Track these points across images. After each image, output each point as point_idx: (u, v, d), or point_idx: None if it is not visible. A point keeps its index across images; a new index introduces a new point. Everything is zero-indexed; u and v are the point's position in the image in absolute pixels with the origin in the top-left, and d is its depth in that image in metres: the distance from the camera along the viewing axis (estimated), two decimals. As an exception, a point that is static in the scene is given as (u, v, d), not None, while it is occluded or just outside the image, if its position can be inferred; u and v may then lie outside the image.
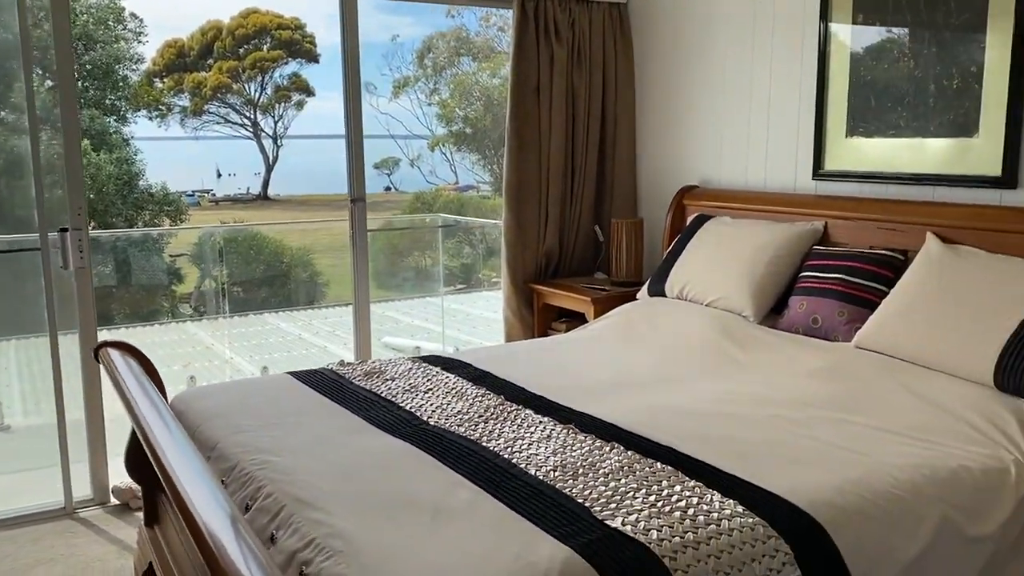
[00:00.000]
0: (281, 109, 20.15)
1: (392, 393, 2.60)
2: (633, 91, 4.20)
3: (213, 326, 8.33)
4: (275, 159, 20.72)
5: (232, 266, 9.95)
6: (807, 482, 1.91)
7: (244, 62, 19.35)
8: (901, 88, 2.95)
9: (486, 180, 19.23)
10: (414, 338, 7.60)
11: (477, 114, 17.82)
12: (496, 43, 18.50)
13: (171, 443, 1.87)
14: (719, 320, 3.07)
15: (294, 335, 8.00)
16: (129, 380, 2.36)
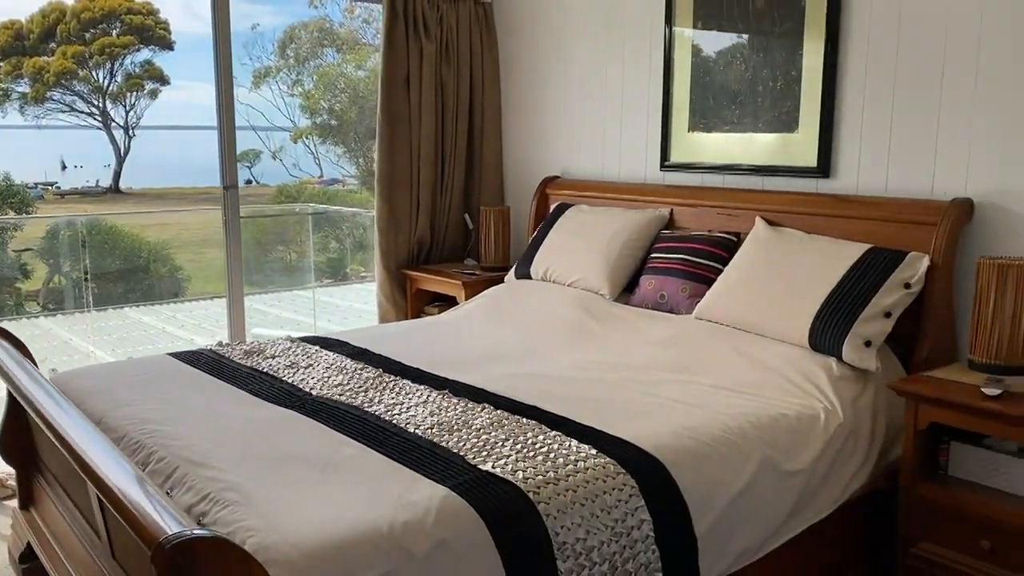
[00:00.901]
0: (133, 98, 19.22)
1: (274, 369, 2.72)
2: (499, 86, 4.44)
3: (70, 321, 7.99)
4: (127, 150, 19.76)
5: (88, 260, 9.55)
6: (651, 430, 2.20)
7: (91, 47, 18.35)
8: (735, 88, 3.32)
9: (352, 174, 19.07)
10: (284, 330, 7.59)
11: (343, 106, 17.66)
12: (361, 35, 18.37)
13: (66, 416, 1.95)
14: (579, 298, 3.36)
15: (158, 328, 7.80)
16: (9, 362, 2.39)
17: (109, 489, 1.60)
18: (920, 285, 2.60)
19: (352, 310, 8.48)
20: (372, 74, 17.86)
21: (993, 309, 2.27)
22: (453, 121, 4.31)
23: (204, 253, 14.65)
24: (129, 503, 1.52)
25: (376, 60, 14.81)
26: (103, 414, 2.29)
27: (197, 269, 13.90)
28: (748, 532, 2.17)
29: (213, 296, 9.94)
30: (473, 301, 3.66)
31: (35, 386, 2.21)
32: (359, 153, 18.71)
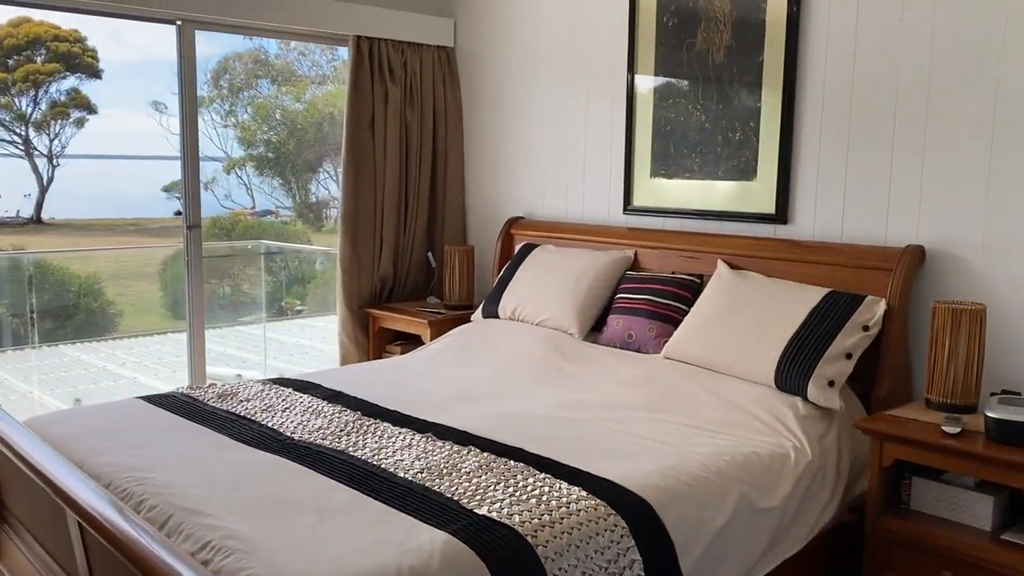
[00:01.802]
0: (58, 126, 18.75)
1: (251, 412, 2.71)
2: (462, 128, 4.52)
3: (2, 359, 7.69)
4: (50, 180, 19.20)
5: (13, 295, 9.22)
6: (634, 470, 2.27)
7: (15, 75, 17.85)
8: (695, 137, 3.47)
9: (287, 205, 18.82)
10: (232, 368, 7.46)
11: (280, 138, 17.53)
12: (296, 67, 18.32)
13: (48, 456, 1.92)
14: (548, 337, 3.43)
15: (98, 367, 7.58)
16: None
17: (113, 535, 1.58)
18: (878, 327, 2.75)
19: (298, 347, 8.39)
20: (311, 107, 17.84)
21: (948, 351, 2.42)
22: (417, 161, 4.37)
23: (133, 286, 14.26)
24: (137, 548, 1.52)
25: (314, 92, 14.54)
26: (84, 461, 2.24)
27: (127, 303, 13.51)
28: (729, 568, 2.25)
29: (154, 332, 9.70)
30: (441, 340, 3.69)
31: (11, 429, 2.16)
32: (296, 185, 18.60)
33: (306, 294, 11.79)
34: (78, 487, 1.77)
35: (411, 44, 4.28)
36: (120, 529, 1.58)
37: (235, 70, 17.54)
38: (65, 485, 1.77)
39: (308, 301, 11.70)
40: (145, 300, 14.29)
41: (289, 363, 7.44)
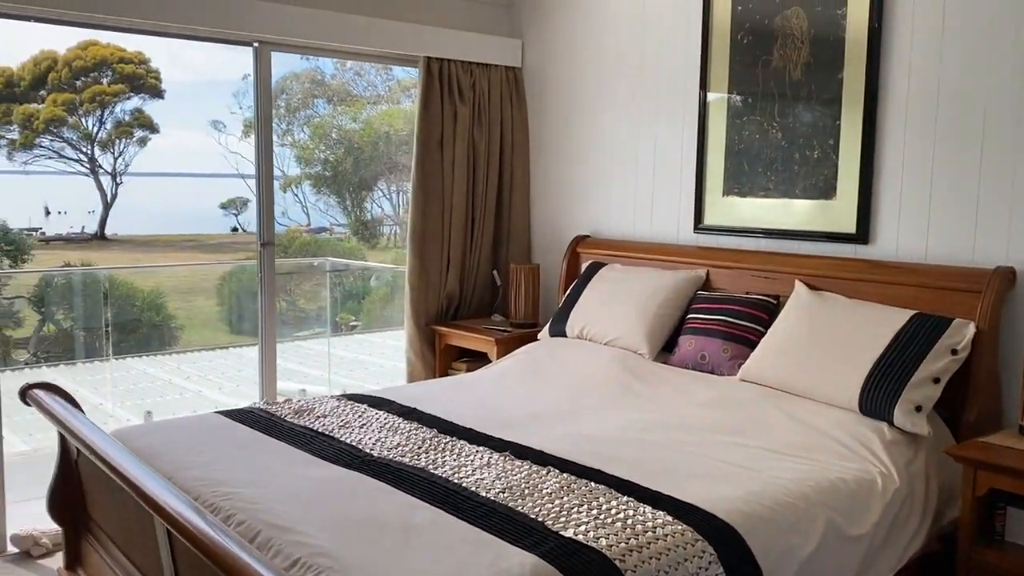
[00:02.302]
0: (122, 145, 19.33)
1: (328, 429, 2.73)
2: (528, 147, 4.53)
3: (72, 371, 7.92)
4: (114, 197, 19.78)
5: (84, 308, 9.51)
6: (717, 495, 2.22)
7: (82, 95, 18.48)
8: (769, 155, 3.42)
9: (342, 223, 19.13)
10: (294, 382, 7.56)
11: (337, 157, 17.84)
12: (352, 87, 18.64)
13: (140, 469, 1.96)
14: (618, 357, 3.39)
15: (164, 380, 7.75)
16: (69, 416, 2.39)
17: (210, 547, 1.60)
18: (967, 351, 2.66)
19: (357, 362, 8.46)
20: (367, 126, 18.10)
21: (1046, 376, 2.33)
22: (484, 180, 4.39)
23: (193, 301, 14.60)
24: (235, 562, 1.53)
25: (369, 112, 14.76)
26: (171, 474, 2.28)
27: (187, 318, 13.83)
28: (817, 598, 2.19)
29: (217, 347, 9.90)
30: (510, 358, 3.69)
31: (101, 441, 2.21)
32: (352, 203, 18.88)
33: (360, 310, 11.92)
34: (172, 500, 1.80)
35: (479, 64, 4.31)
36: (217, 542, 1.60)
37: (292, 90, 17.93)
38: (160, 498, 1.80)
39: (362, 317, 11.83)
40: (204, 314, 14.61)
41: (350, 378, 7.50)
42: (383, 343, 9.50)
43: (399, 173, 18.70)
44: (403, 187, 18.98)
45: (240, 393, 7.04)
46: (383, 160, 17.73)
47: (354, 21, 3.91)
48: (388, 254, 18.23)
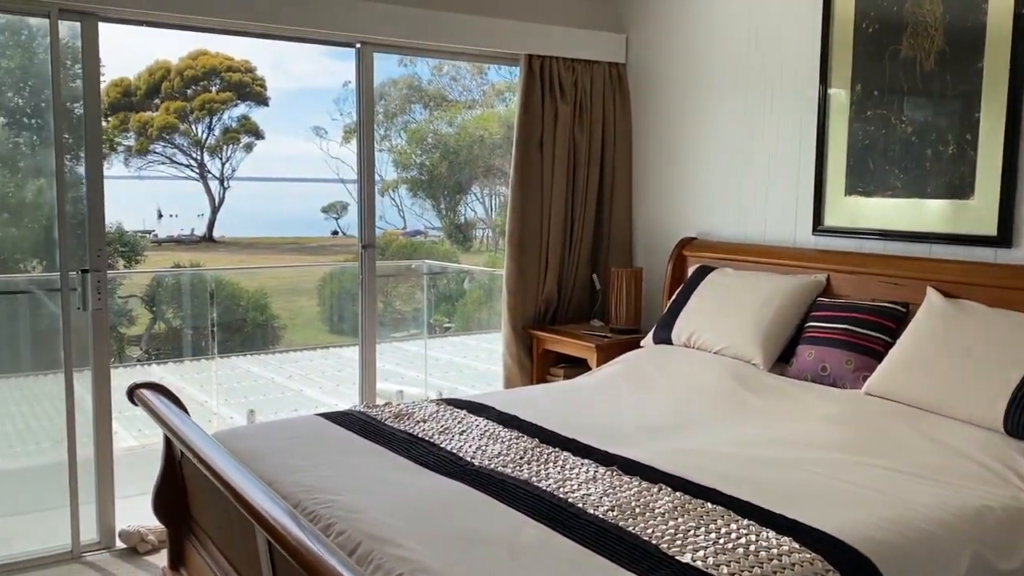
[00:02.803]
0: (229, 151, 20.05)
1: (428, 435, 2.66)
2: (631, 146, 4.38)
3: (180, 369, 8.19)
4: (221, 201, 20.54)
5: (191, 307, 9.84)
6: (848, 520, 2.03)
7: (192, 103, 19.25)
8: (898, 152, 3.17)
9: (436, 226, 19.36)
10: (388, 381, 7.60)
11: (432, 161, 18.05)
12: (448, 92, 18.85)
13: (241, 475, 1.91)
14: (730, 367, 3.21)
15: (267, 379, 7.91)
16: (174, 417, 2.38)
17: (310, 561, 1.53)
18: None
19: (452, 364, 8.45)
20: (462, 130, 18.24)
21: None
22: (584, 181, 4.26)
23: (295, 301, 15.00)
24: (332, 574, 1.45)
25: (464, 117, 14.84)
26: (273, 479, 2.25)
27: (289, 318, 14.21)
28: (962, 640, 1.97)
29: (317, 347, 10.11)
30: (611, 366, 3.54)
31: (204, 444, 2.18)
32: (446, 206, 19.06)
33: (454, 312, 11.97)
34: (272, 508, 1.74)
35: (582, 61, 4.19)
36: (316, 555, 1.53)
37: (390, 96, 18.26)
38: (260, 506, 1.74)
39: (456, 319, 11.87)
40: (305, 314, 15.00)
41: (445, 380, 7.49)
42: (477, 346, 9.48)
43: (493, 176, 18.81)
44: (496, 190, 19.10)
45: (339, 393, 7.12)
46: (477, 164, 17.85)
47: (454, 20, 3.85)
48: (481, 257, 18.34)
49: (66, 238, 3.18)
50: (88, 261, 3.25)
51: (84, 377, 3.40)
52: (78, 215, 9.97)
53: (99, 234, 3.26)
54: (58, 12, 3.09)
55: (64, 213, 3.16)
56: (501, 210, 18.32)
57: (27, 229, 4.34)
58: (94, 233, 3.25)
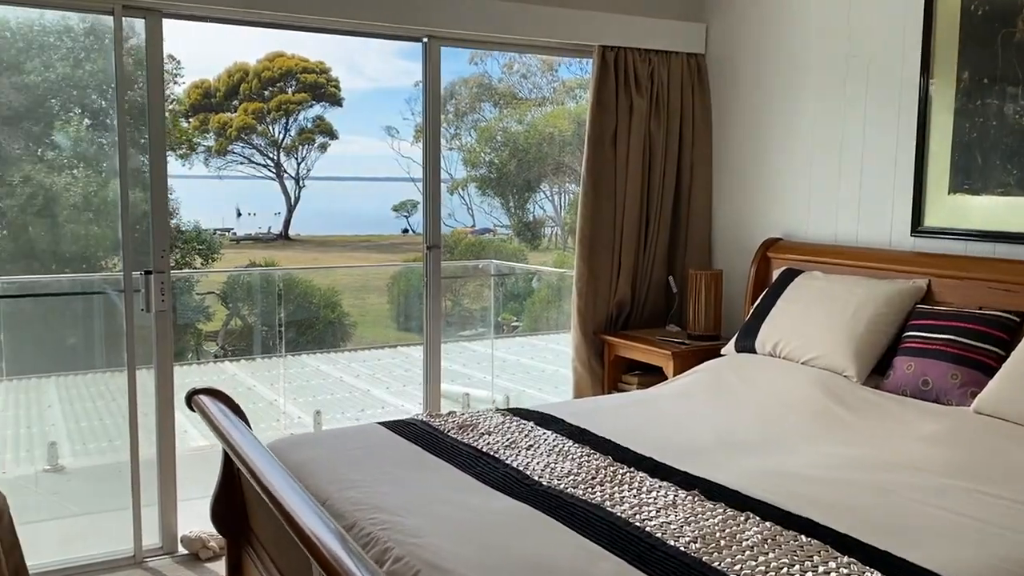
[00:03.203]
0: (304, 151, 20.38)
1: (493, 449, 2.50)
2: (710, 141, 4.15)
3: (251, 366, 8.26)
4: (297, 200, 20.91)
5: (264, 305, 9.95)
6: (963, 559, 1.80)
7: (269, 104, 19.61)
8: (1011, 146, 2.88)
9: (504, 224, 19.30)
10: (454, 382, 7.50)
11: (502, 159, 17.97)
12: (518, 90, 18.75)
13: (293, 493, 1.79)
14: (820, 379, 2.97)
15: (335, 378, 7.91)
16: (231, 428, 2.28)
17: None
18: None
19: (520, 365, 8.30)
20: (531, 128, 18.10)
21: None
22: (660, 179, 4.05)
23: (365, 298, 15.14)
24: None
25: (534, 114, 14.71)
26: (328, 494, 2.13)
27: (359, 315, 14.34)
28: None
29: (383, 346, 10.10)
30: (689, 375, 3.33)
31: (258, 457, 2.07)
32: (515, 204, 18.97)
33: (521, 310, 11.84)
34: (323, 534, 1.61)
35: (659, 52, 3.98)
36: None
37: (460, 95, 18.24)
38: (313, 533, 1.61)
39: (523, 317, 11.74)
40: (375, 312, 15.12)
41: (512, 381, 7.35)
42: (545, 347, 9.32)
43: (562, 174, 18.63)
44: (565, 188, 18.94)
45: (406, 394, 7.06)
46: (547, 161, 17.69)
47: (524, 11, 3.69)
48: (549, 255, 18.20)
49: (129, 238, 3.13)
50: (152, 262, 3.19)
51: (151, 376, 3.36)
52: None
53: (163, 235, 3.21)
54: (122, 8, 3.05)
55: (128, 213, 3.12)
56: (570, 208, 18.16)
57: (109, 228, 4.36)
58: (158, 234, 3.20)
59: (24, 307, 6.14)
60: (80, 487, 4.31)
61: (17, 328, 6.30)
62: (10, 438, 5.34)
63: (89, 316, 5.37)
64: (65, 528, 3.64)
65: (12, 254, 10.69)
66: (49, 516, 3.83)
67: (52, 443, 4.50)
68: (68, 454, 5.04)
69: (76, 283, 5.59)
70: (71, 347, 5.97)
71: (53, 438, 5.43)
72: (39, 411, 6.04)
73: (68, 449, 5.14)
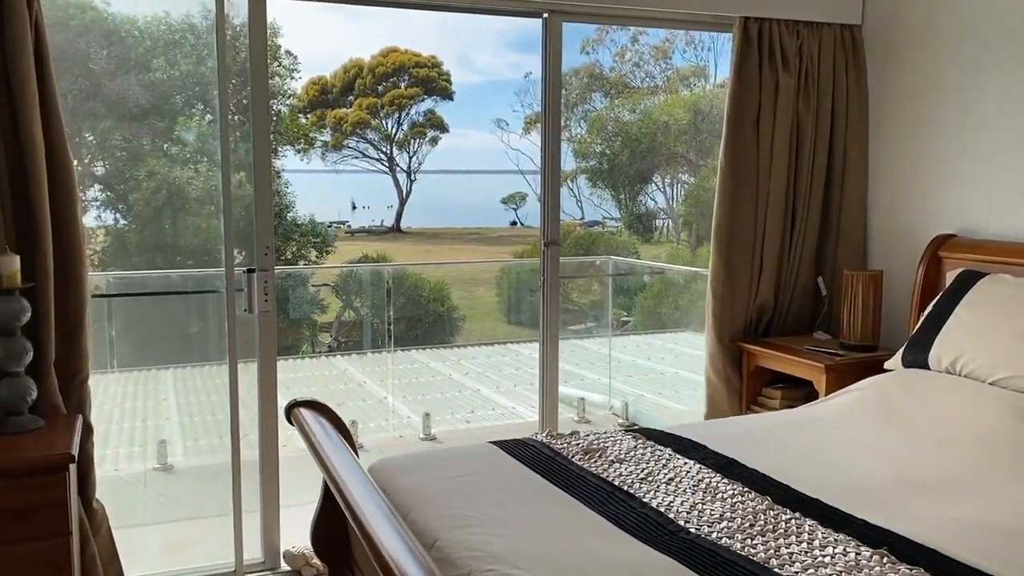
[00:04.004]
0: (416, 145, 20.55)
1: (625, 481, 2.15)
2: (867, 123, 3.65)
3: (362, 361, 8.17)
4: (408, 193, 21.11)
5: (374, 298, 9.90)
6: None
7: (383, 99, 19.87)
8: None
9: (614, 216, 18.88)
10: (567, 384, 7.16)
11: (613, 150, 17.54)
12: (630, 79, 18.25)
13: (392, 534, 1.49)
14: (1015, 404, 2.47)
15: (444, 375, 7.72)
16: (330, 448, 2.02)
17: None
18: None
19: (635, 366, 7.87)
20: (645, 117, 17.54)
21: None
22: (808, 166, 3.59)
23: (474, 291, 15.06)
24: None
25: (647, 103, 14.21)
26: (439, 535, 1.83)
27: (468, 308, 14.26)
28: None
29: (492, 342, 9.90)
30: (849, 394, 2.88)
31: (358, 488, 1.79)
32: (627, 196, 18.49)
33: (632, 305, 11.39)
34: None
35: (809, 23, 3.51)
36: None
37: (571, 86, 17.89)
38: None
39: (635, 313, 11.28)
40: (484, 304, 15.01)
41: (629, 385, 6.94)
42: (663, 346, 8.87)
43: (676, 164, 18.00)
44: (678, 179, 18.32)
45: (517, 395, 6.78)
46: (660, 151, 17.12)
47: (656, -21, 3.31)
48: (661, 248, 17.63)
49: (230, 234, 2.94)
50: (255, 259, 2.99)
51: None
52: (273, 208, 9.88)
53: (267, 230, 3.00)
54: (226, -11, 2.85)
55: (230, 208, 2.92)
56: (684, 199, 17.52)
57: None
58: (262, 229, 2.99)
59: (143, 299, 6.17)
60: (187, 488, 4.23)
61: (134, 320, 6.37)
62: (125, 432, 5.36)
63: (205, 308, 5.32)
64: (168, 534, 3.52)
65: (138, 246, 10.98)
66: (153, 520, 3.73)
67: (162, 441, 4.44)
68: (179, 451, 5.00)
69: (190, 278, 5.57)
70: (187, 339, 5.98)
71: (166, 433, 5.43)
72: (155, 404, 6.08)
73: (180, 446, 5.10)
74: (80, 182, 2.68)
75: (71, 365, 2.64)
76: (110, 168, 10.75)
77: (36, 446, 2.36)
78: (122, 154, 10.73)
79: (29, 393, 2.47)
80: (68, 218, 2.58)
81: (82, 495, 2.69)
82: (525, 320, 12.70)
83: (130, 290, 6.69)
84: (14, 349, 2.43)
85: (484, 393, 6.96)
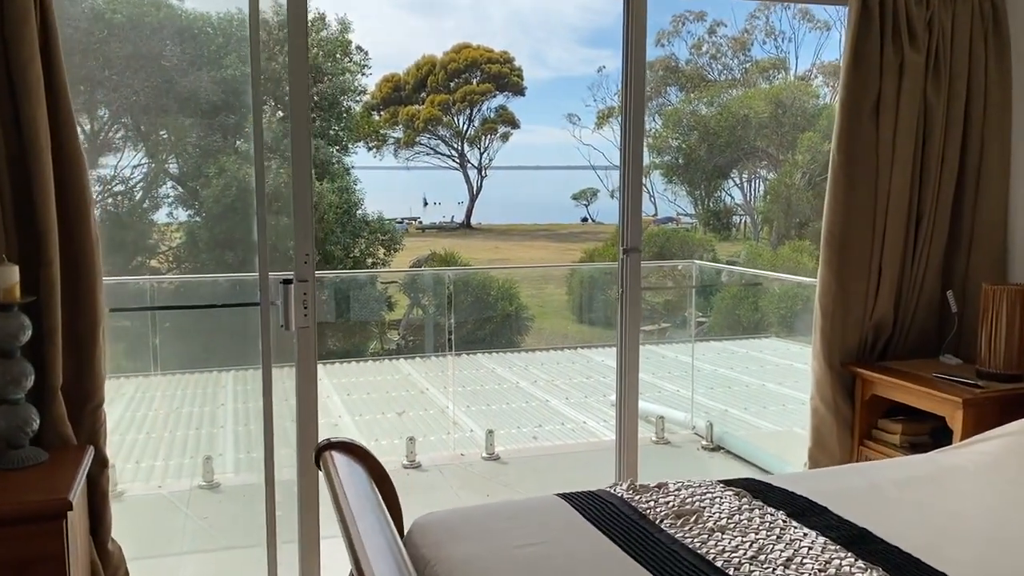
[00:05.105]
0: (487, 141, 20.35)
1: (732, 562, 1.69)
2: (1009, 111, 3.09)
3: (426, 366, 7.84)
4: (479, 189, 20.92)
5: (442, 298, 9.59)
6: None
7: (455, 95, 19.75)
8: None
9: (688, 212, 18.34)
10: (644, 396, 6.67)
11: (690, 144, 16.97)
12: (707, 72, 17.62)
13: None
14: None
15: (510, 383, 7.31)
16: (356, 516, 1.61)
17: None
18: None
19: (717, 377, 7.32)
20: (724, 110, 16.84)
21: None
22: (937, 160, 3.05)
23: (543, 288, 14.68)
24: None
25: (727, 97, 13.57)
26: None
27: (538, 306, 13.88)
28: None
29: (561, 348, 9.46)
30: (1001, 439, 2.35)
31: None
32: (704, 192, 17.85)
33: (708, 307, 10.81)
34: None
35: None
36: None
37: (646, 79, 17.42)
38: None
39: (711, 314, 10.71)
40: (554, 303, 14.61)
41: (711, 398, 6.40)
42: (746, 354, 8.29)
43: (755, 159, 17.26)
44: (757, 174, 17.59)
45: (588, 407, 6.33)
46: (740, 146, 16.43)
47: (761, -58, 2.81)
48: (738, 246, 16.92)
49: (264, 240, 2.58)
50: (294, 268, 2.63)
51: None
52: (343, 205, 9.68)
53: (306, 235, 2.63)
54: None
55: (264, 211, 2.56)
56: (765, 196, 16.77)
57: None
58: (300, 234, 2.62)
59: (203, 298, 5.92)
60: (232, 510, 3.92)
61: (189, 320, 6.13)
62: (178, 441, 5.12)
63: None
64: (200, 566, 3.20)
65: (208, 243, 10.83)
66: (189, 548, 3.43)
67: (207, 457, 4.15)
68: (230, 465, 4.73)
69: (238, 282, 5.29)
70: (246, 340, 5.73)
71: (220, 442, 5.18)
72: (212, 409, 5.85)
73: (231, 459, 4.83)
74: (154, 179, 2.35)
75: (82, 389, 2.33)
76: (182, 165, 10.73)
77: (33, 487, 2.04)
78: (195, 150, 10.69)
79: (30, 423, 2.16)
80: (78, 222, 2.26)
81: (95, 536, 2.38)
82: (596, 319, 12.28)
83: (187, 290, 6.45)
84: (12, 372, 2.12)
85: (553, 404, 6.53)
